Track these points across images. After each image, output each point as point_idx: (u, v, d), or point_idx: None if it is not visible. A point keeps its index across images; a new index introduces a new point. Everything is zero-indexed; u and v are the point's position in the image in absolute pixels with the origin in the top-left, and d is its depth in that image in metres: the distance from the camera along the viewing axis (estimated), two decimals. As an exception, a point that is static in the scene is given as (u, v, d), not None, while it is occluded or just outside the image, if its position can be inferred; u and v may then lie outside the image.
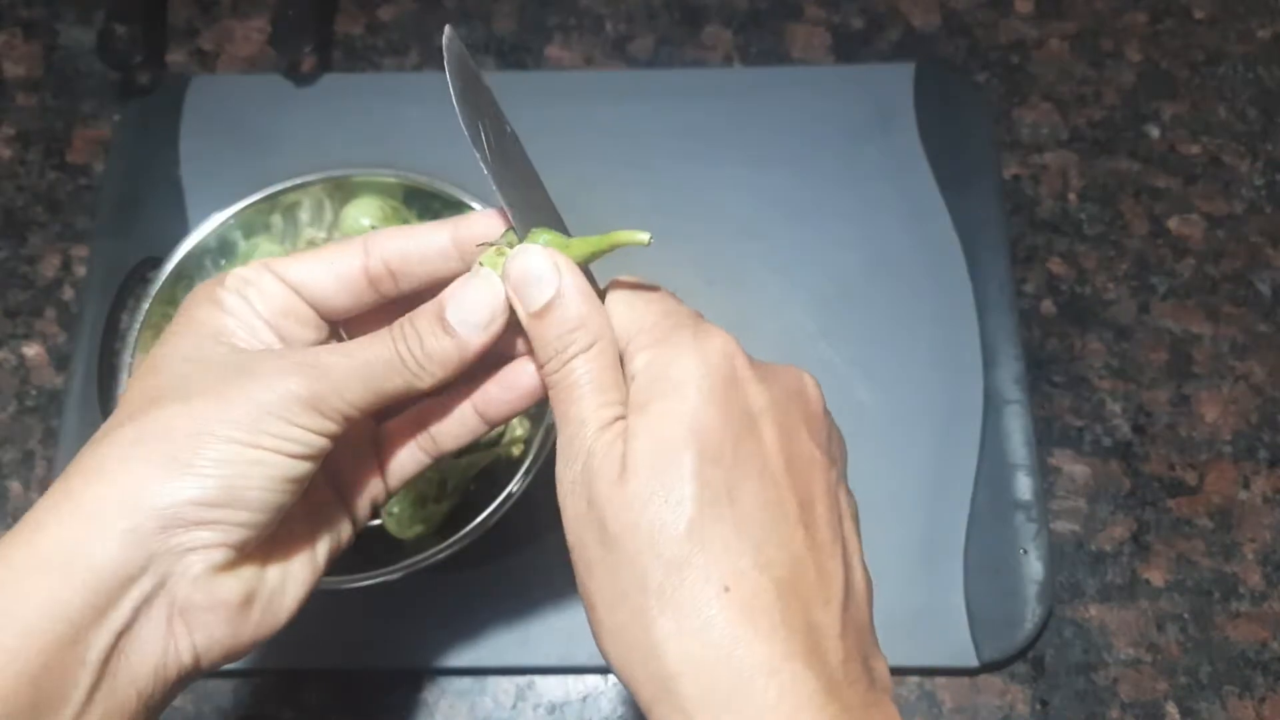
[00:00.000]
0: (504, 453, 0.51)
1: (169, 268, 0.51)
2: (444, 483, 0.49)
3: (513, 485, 0.47)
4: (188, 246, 0.51)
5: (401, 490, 0.48)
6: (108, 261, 0.59)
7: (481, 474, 0.51)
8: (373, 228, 0.52)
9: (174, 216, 0.60)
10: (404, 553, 0.47)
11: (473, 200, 0.51)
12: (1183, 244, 0.60)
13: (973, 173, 0.60)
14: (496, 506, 0.47)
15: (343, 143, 0.61)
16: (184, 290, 0.51)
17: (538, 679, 0.51)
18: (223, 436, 0.30)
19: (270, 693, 0.51)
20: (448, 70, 0.34)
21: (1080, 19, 0.66)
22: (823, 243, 0.59)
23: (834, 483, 0.31)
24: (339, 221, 0.54)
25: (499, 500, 0.47)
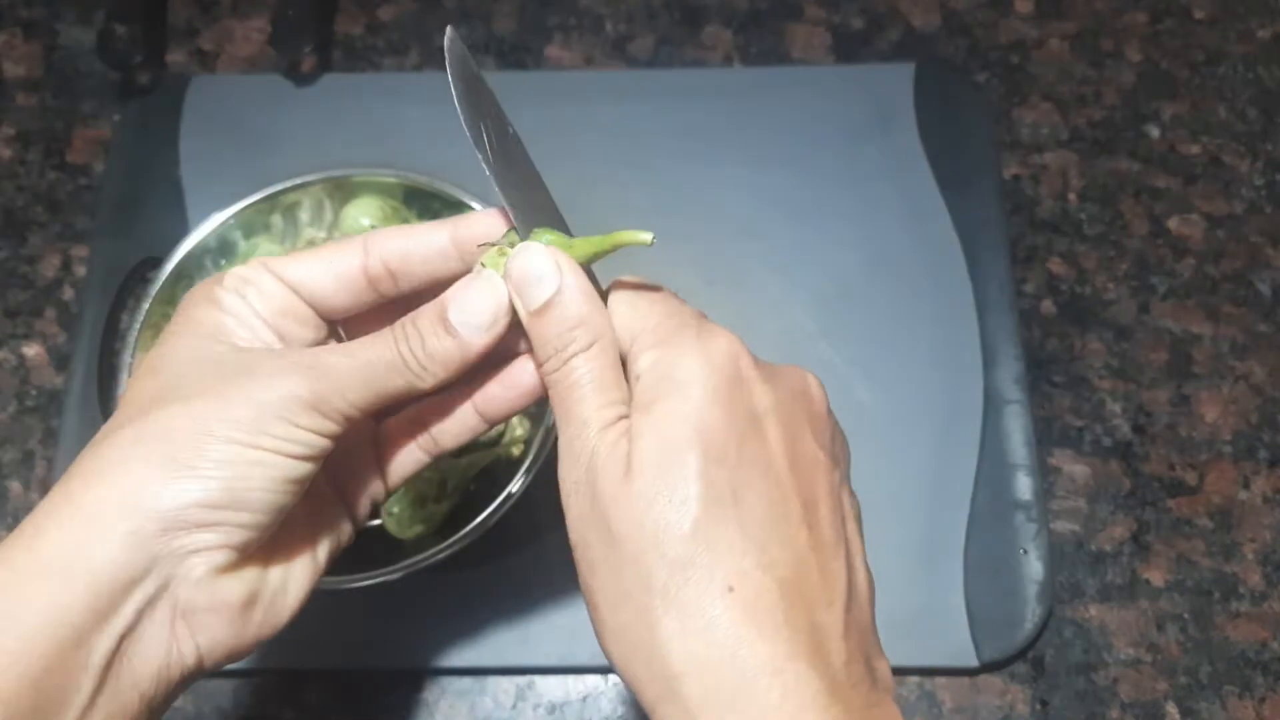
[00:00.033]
0: (504, 453, 0.51)
1: (169, 268, 0.51)
2: (444, 483, 0.49)
3: (513, 485, 0.47)
4: (188, 246, 0.51)
5: (401, 490, 0.49)
6: (108, 261, 0.59)
7: (481, 474, 0.51)
8: (372, 228, 0.52)
9: (174, 216, 0.60)
10: (404, 553, 0.47)
11: (473, 200, 0.52)
12: (1183, 244, 0.60)
13: (973, 173, 0.60)
14: (496, 506, 0.47)
15: (343, 143, 0.61)
16: (184, 290, 0.51)
17: (538, 679, 0.51)
18: (224, 437, 0.30)
19: (270, 693, 0.51)
20: (450, 71, 0.33)
21: (1080, 19, 0.66)
22: (823, 243, 0.59)
23: (837, 484, 0.31)
24: (339, 221, 0.54)
25: (499, 500, 0.47)
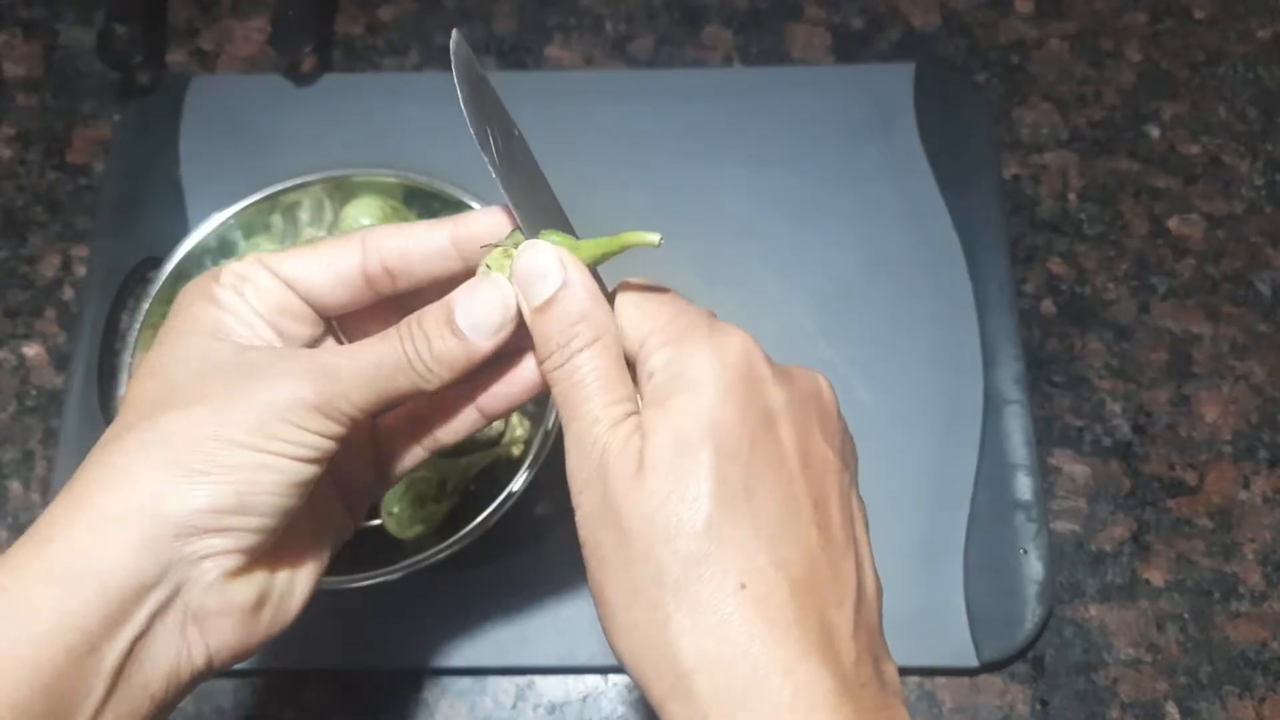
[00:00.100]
0: (504, 453, 0.51)
1: (169, 268, 0.51)
2: (444, 483, 0.49)
3: (513, 485, 0.47)
4: (188, 246, 0.51)
5: (401, 490, 0.49)
6: (108, 261, 0.59)
7: (481, 474, 0.51)
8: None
9: (174, 216, 0.60)
10: (404, 553, 0.47)
11: (473, 200, 0.52)
12: (1183, 244, 0.60)
13: (973, 173, 0.60)
14: (496, 506, 0.47)
15: (343, 143, 0.61)
16: (184, 290, 0.51)
17: (538, 679, 0.51)
18: (233, 442, 0.30)
19: (270, 693, 0.51)
20: (455, 74, 0.33)
21: (1080, 19, 0.66)
22: (823, 243, 0.59)
23: (847, 485, 0.32)
24: (339, 221, 0.54)
25: (499, 500, 0.47)
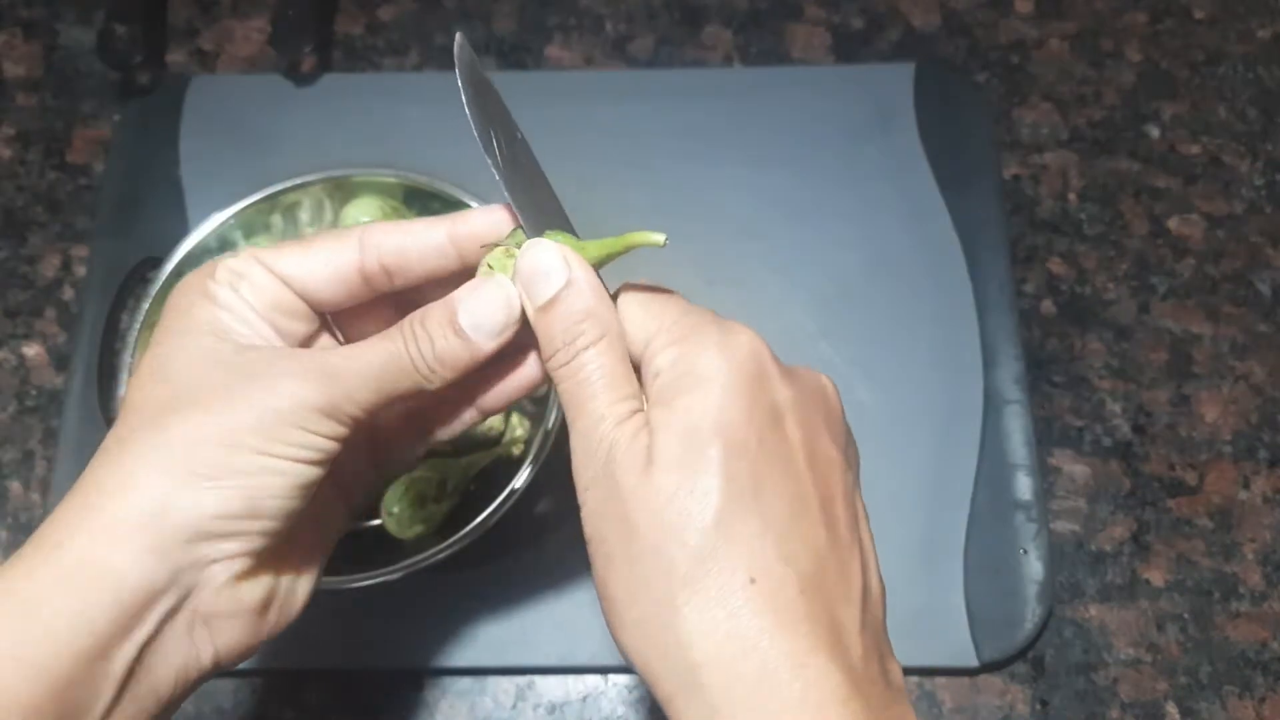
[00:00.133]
0: (504, 453, 0.51)
1: (169, 268, 0.51)
2: (444, 483, 0.49)
3: (513, 484, 0.47)
4: (188, 246, 0.51)
5: (401, 490, 0.49)
6: (108, 261, 0.59)
7: (481, 474, 0.51)
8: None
9: (174, 216, 0.60)
10: (404, 553, 0.47)
11: (473, 200, 0.52)
12: (1183, 244, 0.60)
13: (973, 173, 0.60)
14: (496, 506, 0.47)
15: (343, 143, 0.61)
16: (184, 290, 0.51)
17: (538, 679, 0.51)
18: (241, 447, 0.30)
19: (270, 693, 0.51)
20: (459, 76, 0.33)
21: (1080, 19, 0.66)
22: (823, 243, 0.59)
23: (851, 486, 0.32)
24: (339, 221, 0.54)
25: (499, 500, 0.47)
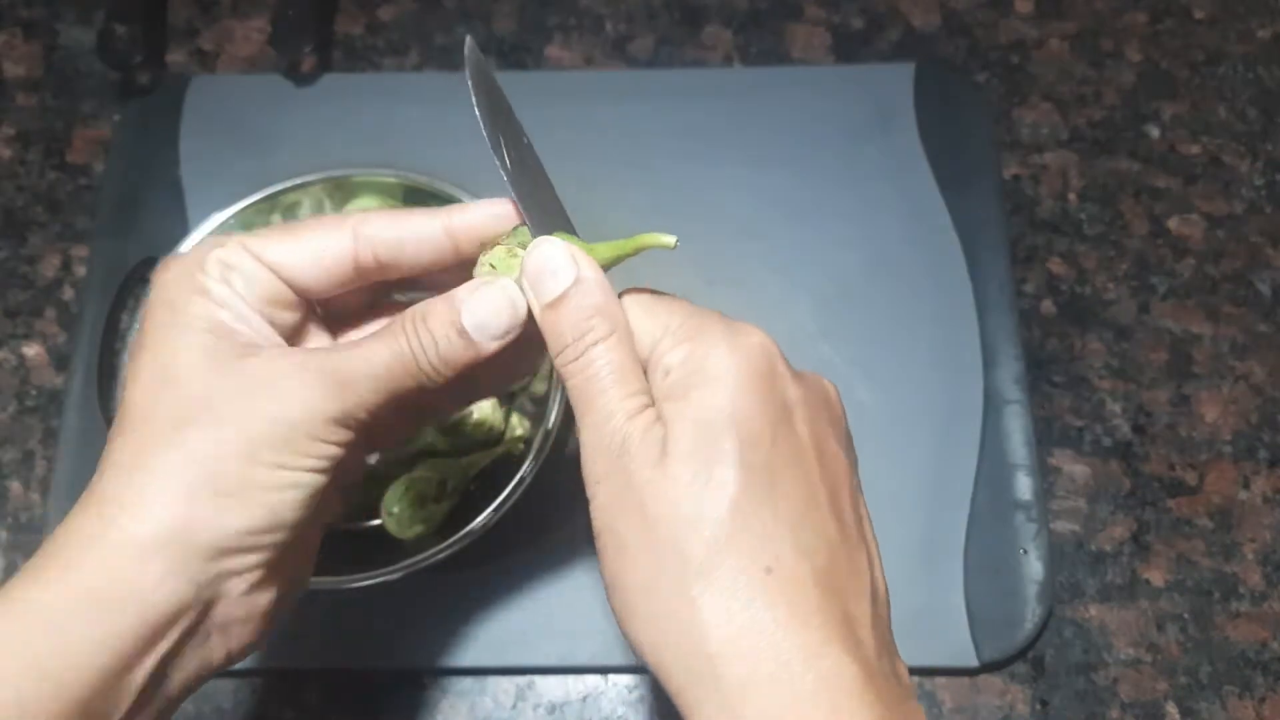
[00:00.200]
0: (504, 453, 0.51)
1: (169, 268, 0.51)
2: (444, 483, 0.49)
3: (512, 486, 0.47)
4: (187, 246, 0.51)
5: (401, 490, 0.49)
6: (108, 261, 0.59)
7: (481, 474, 0.51)
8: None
9: (174, 216, 0.60)
10: (404, 553, 0.47)
11: (472, 200, 0.51)
12: (1183, 244, 0.60)
13: (973, 173, 0.60)
14: (496, 507, 0.47)
15: (343, 143, 0.61)
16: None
17: (538, 679, 0.51)
18: (262, 462, 0.30)
19: (270, 693, 0.51)
20: (469, 79, 0.33)
21: (1080, 19, 0.66)
22: (823, 243, 0.59)
23: (855, 487, 0.32)
24: (339, 221, 0.54)
25: (499, 500, 0.47)
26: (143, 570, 0.29)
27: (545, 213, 0.34)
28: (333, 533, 0.51)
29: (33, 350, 0.59)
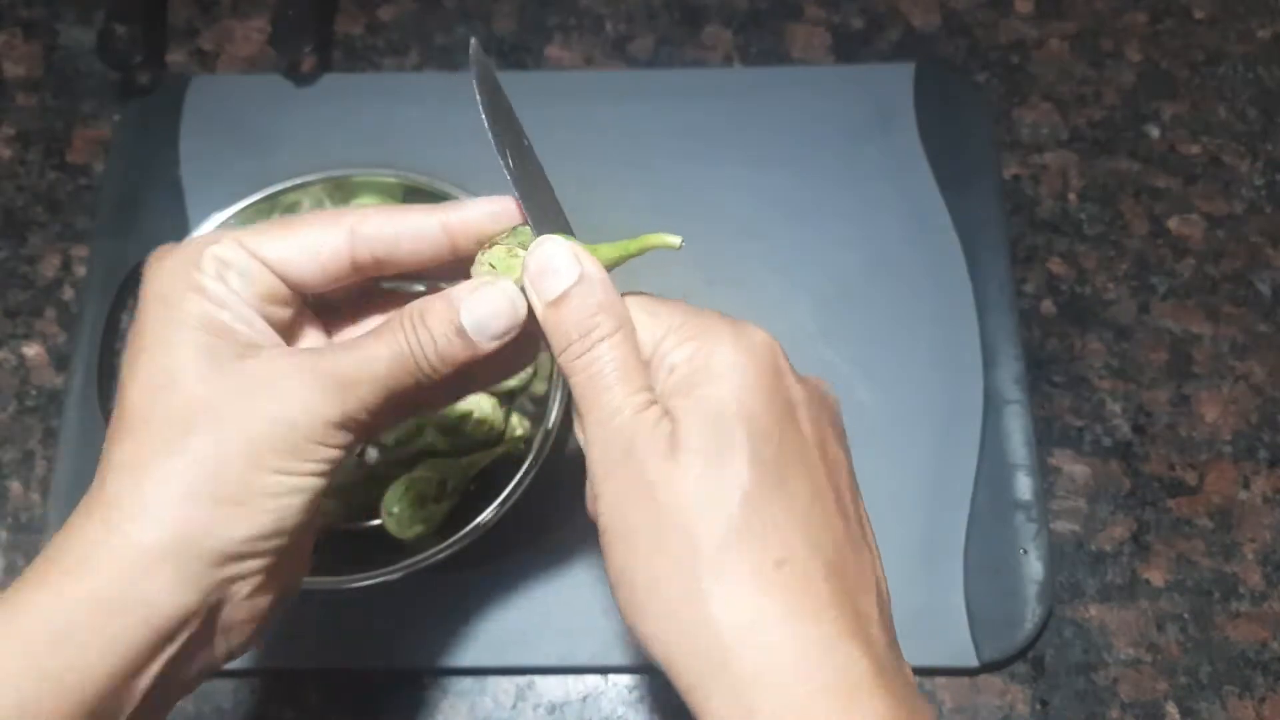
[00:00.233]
0: (504, 453, 0.51)
1: (169, 268, 0.51)
2: (444, 483, 0.49)
3: (513, 485, 0.47)
4: (188, 246, 0.51)
5: (401, 490, 0.49)
6: (108, 261, 0.59)
7: (481, 474, 0.51)
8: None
9: (174, 216, 0.60)
10: (404, 553, 0.47)
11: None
12: (1183, 244, 0.60)
13: (973, 173, 0.60)
14: (496, 506, 0.47)
15: (343, 143, 0.61)
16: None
17: (538, 679, 0.51)
18: (264, 468, 0.30)
19: (270, 693, 0.51)
20: (475, 79, 0.33)
21: (1080, 19, 0.66)
22: (823, 243, 0.59)
23: (855, 486, 0.32)
24: (339, 221, 0.54)
25: (499, 500, 0.47)
26: (150, 578, 0.29)
27: (545, 214, 0.34)
28: (333, 533, 0.51)
29: (33, 350, 0.59)
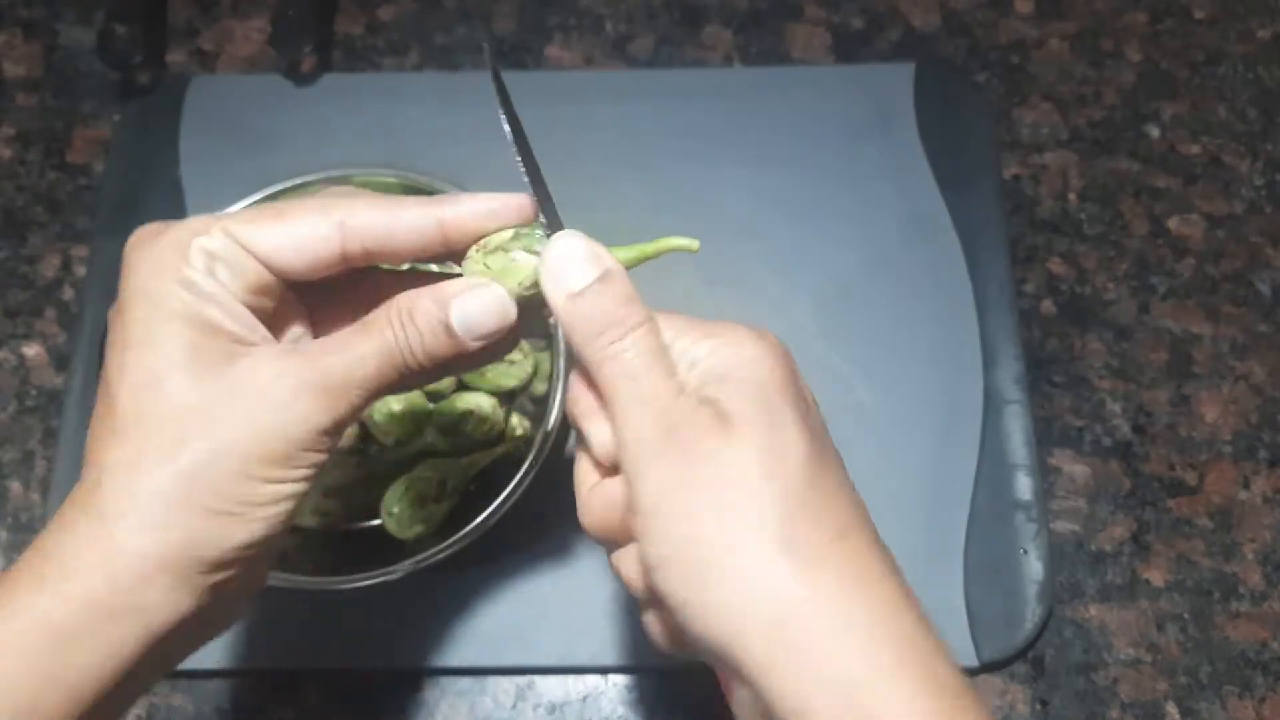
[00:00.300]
0: (504, 453, 0.51)
1: (169, 268, 0.51)
2: (444, 483, 0.49)
3: (512, 485, 0.47)
4: (188, 246, 0.51)
5: (401, 490, 0.49)
6: (108, 261, 0.59)
7: (481, 474, 0.51)
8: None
9: (174, 216, 0.57)
10: (404, 553, 0.47)
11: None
12: (1183, 244, 0.60)
13: (973, 173, 0.60)
14: (496, 506, 0.47)
15: (343, 143, 0.61)
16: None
17: (538, 679, 0.51)
18: (257, 477, 0.30)
19: (270, 693, 0.51)
20: (494, 84, 0.34)
21: (1080, 19, 0.66)
22: (823, 243, 0.59)
23: None
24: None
25: (499, 500, 0.47)
26: (147, 585, 0.30)
27: (554, 217, 0.35)
28: (333, 533, 0.51)
29: (33, 350, 0.59)
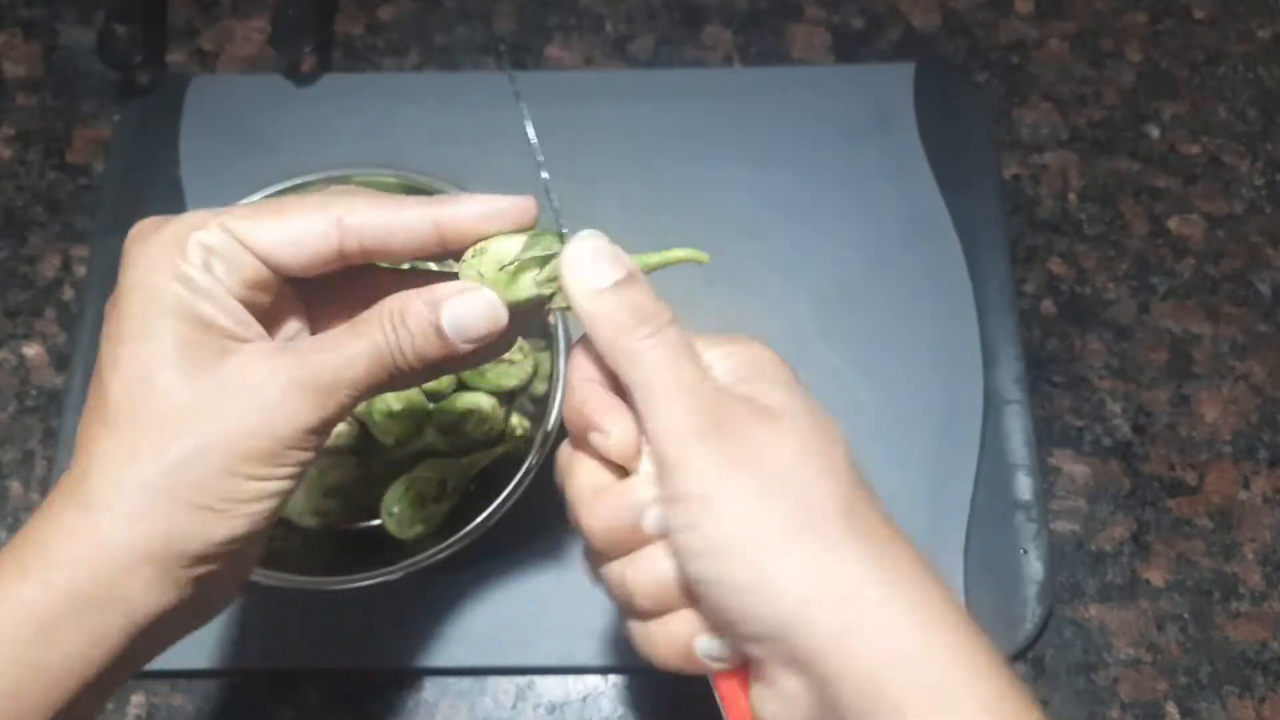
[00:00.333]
0: (504, 453, 0.51)
1: (169, 268, 0.51)
2: (444, 483, 0.49)
3: (512, 485, 0.47)
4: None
5: (401, 490, 0.49)
6: (108, 261, 0.59)
7: (481, 474, 0.51)
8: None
9: (174, 216, 0.60)
10: (404, 553, 0.47)
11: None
12: (1183, 244, 0.60)
13: (973, 173, 0.60)
14: (496, 506, 0.47)
15: (343, 143, 0.61)
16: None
17: (538, 679, 0.51)
18: (247, 477, 0.31)
19: (270, 693, 0.51)
20: (511, 81, 0.35)
21: (1080, 19, 0.66)
22: (823, 243, 0.59)
23: None
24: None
25: (499, 500, 0.47)
26: (132, 578, 0.30)
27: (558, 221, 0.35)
28: (333, 533, 0.51)
29: (33, 350, 0.59)
